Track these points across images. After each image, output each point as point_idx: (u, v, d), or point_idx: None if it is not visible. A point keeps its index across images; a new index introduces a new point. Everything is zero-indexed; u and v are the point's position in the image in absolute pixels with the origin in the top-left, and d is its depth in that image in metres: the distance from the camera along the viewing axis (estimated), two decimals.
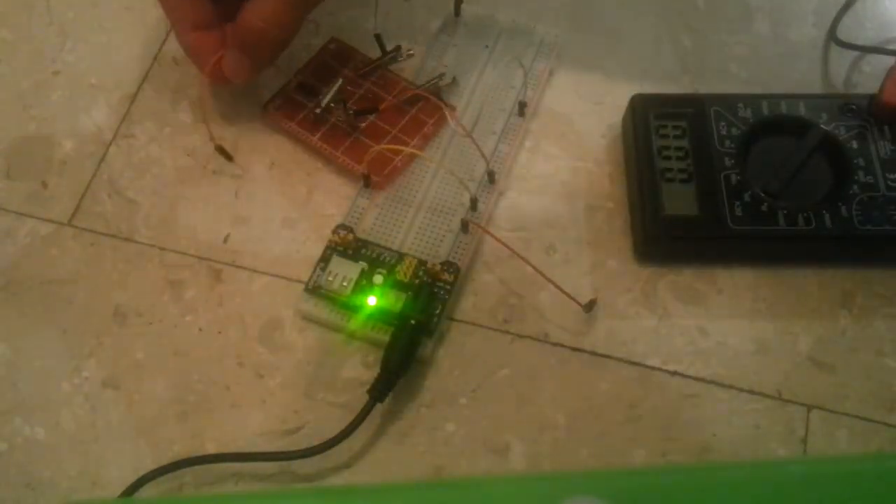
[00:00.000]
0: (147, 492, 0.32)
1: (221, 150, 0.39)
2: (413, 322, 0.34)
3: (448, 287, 0.35)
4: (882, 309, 0.36)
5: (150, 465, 0.32)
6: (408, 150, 0.38)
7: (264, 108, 0.40)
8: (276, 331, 0.36)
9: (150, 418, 0.34)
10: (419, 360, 0.35)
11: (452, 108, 0.40)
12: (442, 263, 0.36)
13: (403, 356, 0.33)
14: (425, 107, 0.39)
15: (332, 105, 0.39)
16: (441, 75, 0.40)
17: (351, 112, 0.39)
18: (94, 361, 0.35)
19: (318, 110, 0.39)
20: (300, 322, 0.36)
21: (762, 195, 0.36)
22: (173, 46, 0.43)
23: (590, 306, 0.35)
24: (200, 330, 0.36)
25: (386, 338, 0.34)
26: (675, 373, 0.35)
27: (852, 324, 0.36)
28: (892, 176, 0.36)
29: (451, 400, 0.34)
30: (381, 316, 0.35)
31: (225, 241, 0.38)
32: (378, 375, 0.33)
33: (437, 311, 0.35)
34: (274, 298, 0.36)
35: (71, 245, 0.38)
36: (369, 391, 0.33)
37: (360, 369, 0.35)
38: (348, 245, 0.36)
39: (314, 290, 0.35)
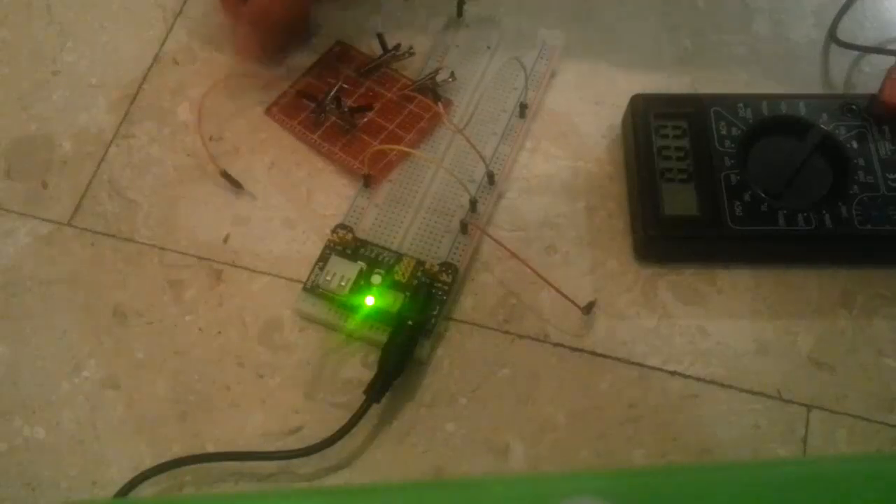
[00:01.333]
0: (147, 491, 0.32)
1: (226, 176, 0.39)
2: (410, 323, 0.34)
3: (446, 288, 0.35)
4: (882, 309, 0.36)
5: (149, 464, 0.32)
6: (402, 147, 0.38)
7: (268, 109, 0.41)
8: (276, 331, 0.36)
9: (150, 418, 0.34)
10: (417, 361, 0.35)
11: (449, 102, 0.40)
12: (440, 264, 0.36)
13: (400, 357, 0.33)
14: (422, 103, 0.40)
15: (331, 105, 0.39)
16: (437, 70, 0.40)
17: (346, 110, 0.39)
18: (94, 361, 0.35)
19: (319, 112, 0.39)
20: (300, 322, 0.36)
21: (762, 195, 0.36)
22: (173, 46, 0.43)
23: (588, 308, 0.35)
24: (200, 330, 0.36)
25: (385, 338, 0.34)
26: (675, 373, 0.35)
27: (852, 324, 0.36)
28: (892, 176, 0.36)
29: (451, 400, 0.34)
30: (378, 316, 0.35)
31: (225, 241, 0.38)
32: (374, 376, 0.33)
33: (435, 312, 0.35)
34: (274, 298, 0.36)
35: (71, 245, 0.38)
36: (366, 391, 0.33)
37: (361, 369, 0.35)
38: (347, 245, 0.36)
39: (312, 289, 0.35)
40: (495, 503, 0.26)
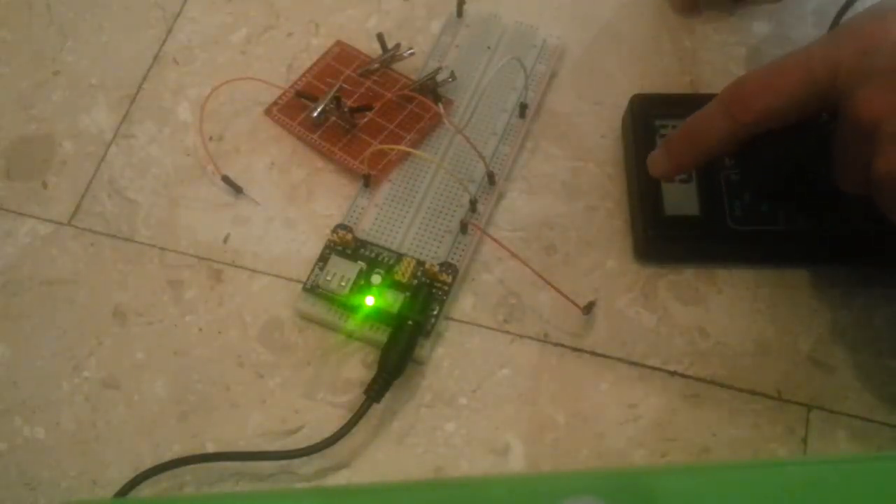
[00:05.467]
0: (147, 491, 0.32)
1: (227, 181, 0.39)
2: (410, 323, 0.34)
3: (446, 288, 0.35)
4: (882, 309, 0.36)
5: (149, 464, 0.32)
6: (402, 147, 0.38)
7: (268, 109, 0.41)
8: (276, 331, 0.36)
9: (150, 418, 0.34)
10: (417, 361, 0.35)
11: (449, 102, 0.40)
12: (440, 264, 0.35)
13: (400, 357, 0.33)
14: (422, 103, 0.40)
15: (331, 105, 0.39)
16: (437, 70, 0.40)
17: (346, 110, 0.39)
18: (94, 361, 0.35)
19: (315, 113, 0.39)
20: (300, 322, 0.36)
21: (762, 195, 0.36)
22: (173, 46, 0.43)
23: (588, 308, 0.35)
24: (200, 330, 0.36)
25: (385, 338, 0.34)
26: (674, 373, 0.35)
27: (852, 324, 0.36)
28: None
29: (451, 400, 0.34)
30: (378, 316, 0.35)
31: (225, 241, 0.38)
32: (375, 376, 0.33)
33: (435, 312, 0.35)
34: (274, 298, 0.37)
35: (71, 245, 0.38)
36: (366, 391, 0.33)
37: (361, 369, 0.35)
38: (347, 245, 0.36)
39: (312, 289, 0.35)
40: (495, 503, 0.26)
